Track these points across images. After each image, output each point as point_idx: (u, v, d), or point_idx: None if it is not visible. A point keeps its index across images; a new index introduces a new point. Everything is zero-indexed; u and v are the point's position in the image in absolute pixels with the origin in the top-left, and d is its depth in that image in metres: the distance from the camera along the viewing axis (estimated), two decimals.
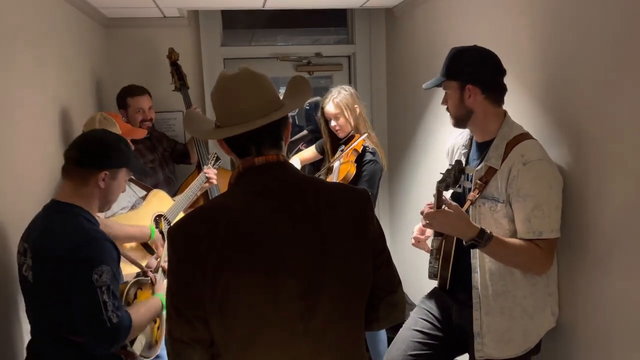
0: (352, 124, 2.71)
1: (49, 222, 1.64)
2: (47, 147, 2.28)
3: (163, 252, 2.16)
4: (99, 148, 1.70)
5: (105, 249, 1.60)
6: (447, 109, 1.86)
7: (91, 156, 1.68)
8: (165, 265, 2.10)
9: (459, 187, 1.81)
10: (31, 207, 1.77)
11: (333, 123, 2.74)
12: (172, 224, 1.22)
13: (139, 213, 2.44)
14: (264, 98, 1.21)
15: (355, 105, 2.72)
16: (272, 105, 1.21)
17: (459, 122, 1.85)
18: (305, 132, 3.44)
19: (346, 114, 2.69)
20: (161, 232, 2.36)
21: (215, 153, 3.06)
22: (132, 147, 2.45)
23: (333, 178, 2.66)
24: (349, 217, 1.23)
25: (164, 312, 1.85)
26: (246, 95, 1.20)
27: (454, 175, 1.74)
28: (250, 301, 1.15)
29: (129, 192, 2.54)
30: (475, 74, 1.76)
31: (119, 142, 1.77)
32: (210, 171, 2.87)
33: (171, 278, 1.19)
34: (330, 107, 2.71)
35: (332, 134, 2.82)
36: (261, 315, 1.15)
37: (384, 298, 1.31)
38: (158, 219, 2.47)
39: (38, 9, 2.29)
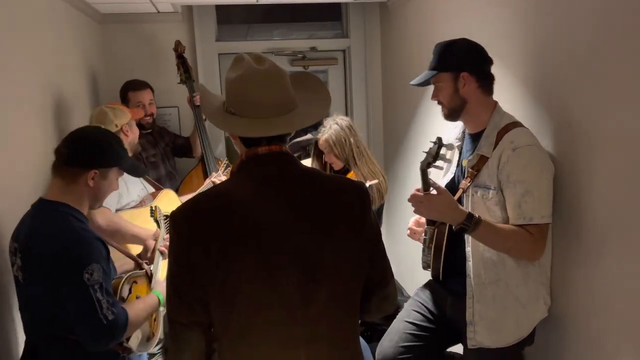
0: (344, 159, 2.66)
1: (37, 222, 1.60)
2: (41, 144, 2.26)
3: (160, 236, 2.16)
4: (90, 147, 1.66)
5: (94, 247, 1.58)
6: (439, 103, 1.86)
7: (81, 155, 1.64)
8: (163, 249, 2.09)
9: (440, 162, 1.82)
10: (25, 205, 1.76)
11: (326, 158, 2.72)
12: (175, 208, 1.22)
13: (145, 212, 2.39)
14: (282, 97, 1.22)
15: (345, 139, 2.64)
16: (289, 107, 1.23)
17: (453, 114, 1.83)
18: (309, 135, 3.42)
19: (336, 150, 2.63)
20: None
21: (226, 160, 3.07)
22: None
23: None
24: (347, 209, 1.25)
25: (162, 309, 1.85)
26: (266, 91, 1.20)
27: (435, 151, 1.77)
28: (251, 285, 1.17)
29: (140, 186, 2.56)
30: (467, 62, 1.77)
31: (111, 141, 1.73)
32: (217, 180, 2.85)
33: (172, 260, 1.20)
34: (320, 142, 2.68)
35: (325, 164, 2.80)
36: (260, 300, 1.17)
37: (376, 291, 1.33)
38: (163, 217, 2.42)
39: (30, 6, 2.27)
